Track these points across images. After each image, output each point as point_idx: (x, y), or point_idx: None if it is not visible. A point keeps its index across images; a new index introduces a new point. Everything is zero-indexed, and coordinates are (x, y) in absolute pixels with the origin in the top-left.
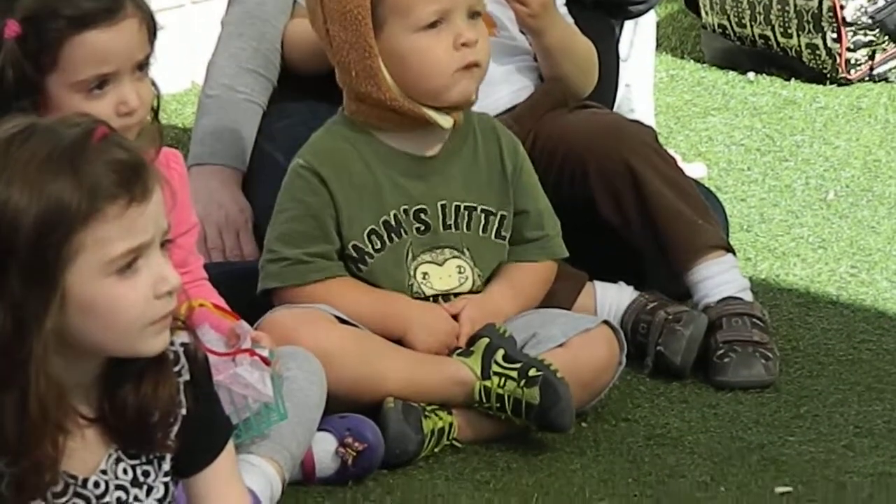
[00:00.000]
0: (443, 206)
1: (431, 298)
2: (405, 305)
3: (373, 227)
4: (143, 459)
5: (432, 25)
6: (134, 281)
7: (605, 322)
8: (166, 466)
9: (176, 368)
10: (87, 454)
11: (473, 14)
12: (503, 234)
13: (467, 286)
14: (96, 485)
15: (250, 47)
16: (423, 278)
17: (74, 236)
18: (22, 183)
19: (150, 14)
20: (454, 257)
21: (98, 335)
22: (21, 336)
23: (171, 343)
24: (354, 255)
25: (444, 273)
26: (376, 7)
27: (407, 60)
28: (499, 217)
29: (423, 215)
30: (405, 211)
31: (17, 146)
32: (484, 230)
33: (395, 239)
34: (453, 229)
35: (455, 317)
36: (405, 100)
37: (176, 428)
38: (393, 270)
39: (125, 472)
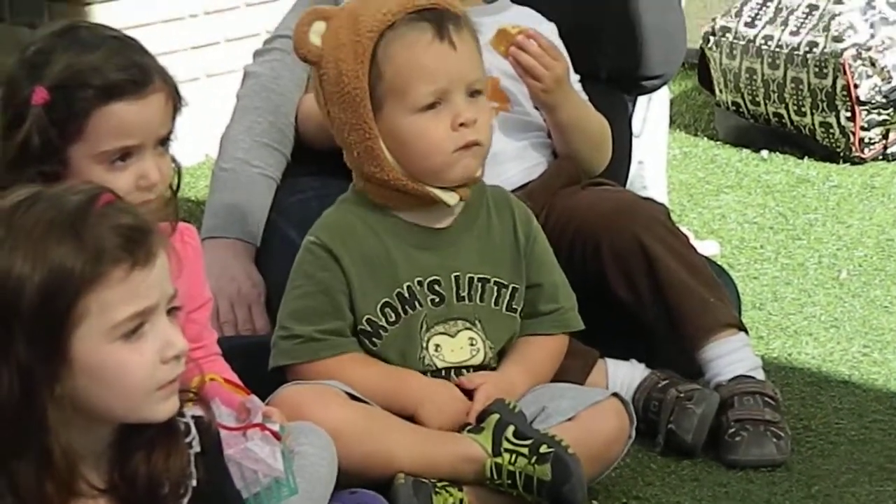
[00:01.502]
0: (456, 278)
1: (443, 371)
2: (416, 382)
3: (387, 299)
4: None
5: (430, 106)
6: (140, 346)
7: (615, 394)
8: None
9: (187, 440)
10: None
11: (474, 93)
12: (514, 306)
13: (479, 359)
14: None
15: (265, 121)
16: (436, 350)
17: (79, 301)
18: (25, 249)
19: (176, 89)
20: (466, 329)
21: (105, 400)
22: (31, 402)
23: (183, 415)
24: (369, 329)
25: (457, 345)
26: (374, 88)
27: (406, 141)
28: (511, 289)
29: (437, 286)
30: (419, 283)
31: (21, 213)
32: (496, 303)
33: (410, 311)
34: (466, 301)
35: (468, 392)
36: (409, 179)
37: (186, 500)
38: (405, 343)
39: None
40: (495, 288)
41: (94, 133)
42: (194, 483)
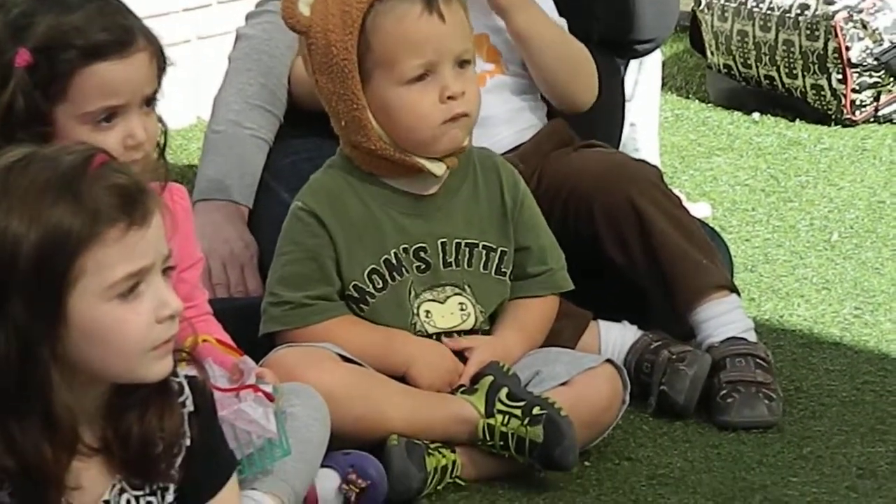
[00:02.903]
0: (443, 244)
1: (434, 336)
2: (407, 342)
3: (373, 266)
4: (147, 490)
5: (419, 78)
6: (136, 305)
7: (609, 361)
8: (170, 498)
9: (180, 399)
10: (91, 484)
11: (462, 63)
12: (503, 270)
13: (470, 323)
14: None
15: (257, 83)
16: (426, 316)
17: (75, 261)
18: (21, 210)
19: (160, 49)
20: (456, 294)
21: (100, 360)
22: (30, 362)
23: (176, 374)
24: (356, 295)
25: (447, 311)
26: (363, 60)
27: (394, 113)
28: (499, 253)
29: (422, 254)
30: (405, 249)
31: (16, 174)
32: (485, 267)
33: (397, 278)
34: (454, 266)
35: (460, 354)
36: (395, 150)
37: (180, 459)
38: (395, 309)
39: (129, 502)
40: (483, 252)
41: (79, 93)
42: (188, 442)
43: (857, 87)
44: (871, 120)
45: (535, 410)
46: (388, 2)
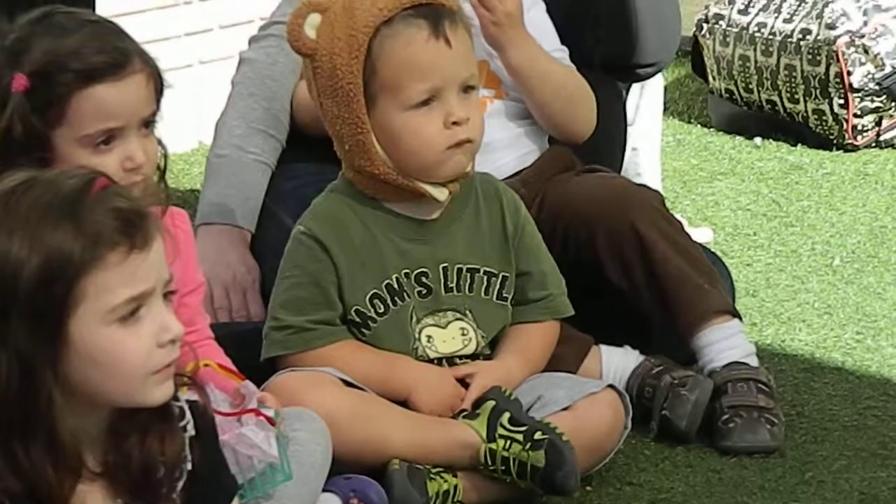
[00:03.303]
0: (444, 269)
1: (436, 361)
2: (409, 367)
3: (375, 291)
4: None
5: (424, 103)
6: (136, 329)
7: (611, 386)
8: None
9: (182, 423)
10: None
11: (467, 88)
12: (505, 295)
13: (471, 348)
14: None
15: (260, 107)
16: (428, 341)
17: (76, 285)
18: (22, 234)
19: (157, 71)
20: (457, 319)
21: (101, 384)
22: (32, 386)
23: (178, 399)
24: (358, 319)
25: (448, 335)
26: (368, 84)
27: (398, 138)
28: (500, 278)
29: (424, 279)
30: (406, 274)
31: (17, 198)
32: (486, 292)
33: (399, 302)
34: (455, 292)
35: (462, 380)
36: (398, 174)
37: (181, 483)
38: (397, 334)
39: None
40: (485, 277)
41: (76, 117)
42: (189, 467)
43: (859, 112)
44: (873, 145)
45: (537, 435)
46: (394, 26)
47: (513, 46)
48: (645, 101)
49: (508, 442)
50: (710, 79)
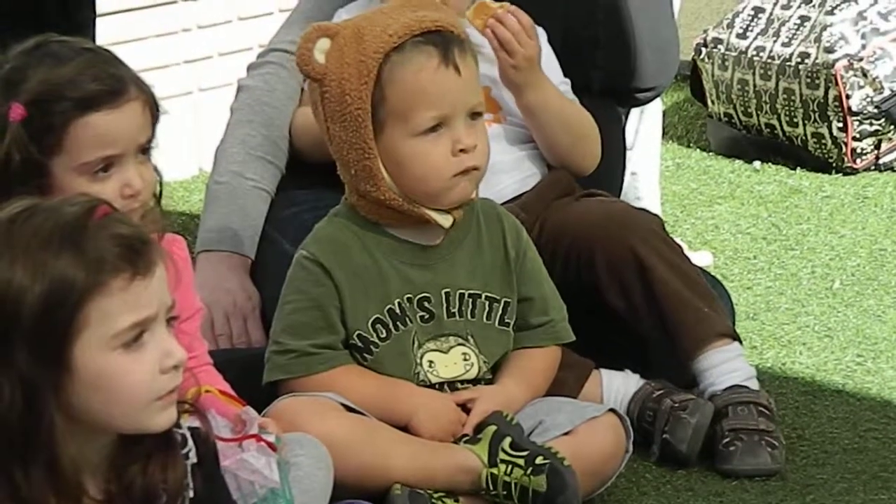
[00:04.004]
0: (447, 294)
1: (438, 386)
2: (410, 393)
3: (378, 315)
4: None
5: (432, 129)
6: (140, 355)
7: (612, 410)
8: None
9: (184, 451)
10: None
11: (474, 115)
12: (507, 320)
13: (473, 373)
14: None
15: (259, 134)
16: (430, 366)
17: (79, 311)
18: (25, 261)
19: (153, 97)
20: (459, 344)
21: (104, 410)
22: (35, 412)
23: (179, 426)
24: (360, 344)
25: (450, 361)
26: (377, 110)
27: (405, 164)
28: (502, 304)
29: (426, 304)
30: (409, 299)
31: (18, 226)
32: (488, 317)
33: (401, 327)
34: (457, 317)
35: (463, 406)
36: (404, 200)
37: None
38: (399, 359)
39: None
40: (487, 303)
41: (74, 145)
42: (191, 494)
43: (858, 136)
44: (872, 168)
45: (539, 460)
46: (404, 53)
47: (530, 88)
48: (644, 126)
49: (510, 467)
50: (709, 103)
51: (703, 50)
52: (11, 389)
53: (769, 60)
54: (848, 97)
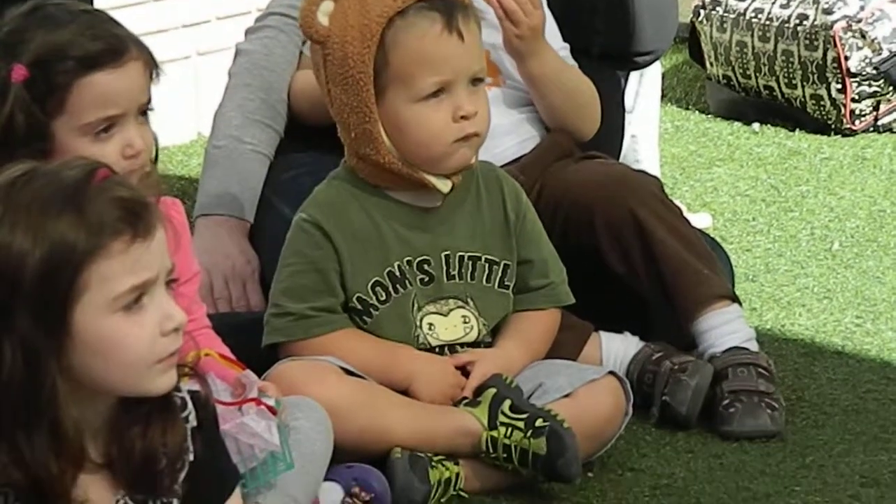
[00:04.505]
0: (446, 257)
1: (437, 349)
2: (410, 356)
3: (377, 278)
4: None
5: (433, 95)
6: (140, 318)
7: (612, 373)
8: None
9: (184, 414)
10: (95, 499)
11: (476, 81)
12: (506, 283)
13: (473, 336)
14: None
15: (257, 98)
16: (429, 329)
17: (80, 274)
18: (25, 225)
19: (152, 58)
20: (459, 307)
21: (104, 373)
22: (37, 376)
23: (179, 389)
24: (359, 307)
25: (450, 323)
26: (379, 74)
27: (406, 129)
28: (502, 266)
29: (426, 266)
30: (408, 262)
31: (18, 189)
32: (488, 280)
33: (400, 290)
34: (457, 279)
35: (463, 369)
36: (403, 164)
37: (183, 474)
38: (398, 322)
39: None
40: (486, 265)
41: (77, 105)
42: (191, 457)
43: (857, 97)
44: (871, 129)
45: (538, 422)
46: (408, 17)
47: (533, 57)
48: (643, 89)
49: (510, 429)
50: (708, 65)
51: (702, 12)
52: (13, 353)
53: (768, 22)
54: (846, 58)
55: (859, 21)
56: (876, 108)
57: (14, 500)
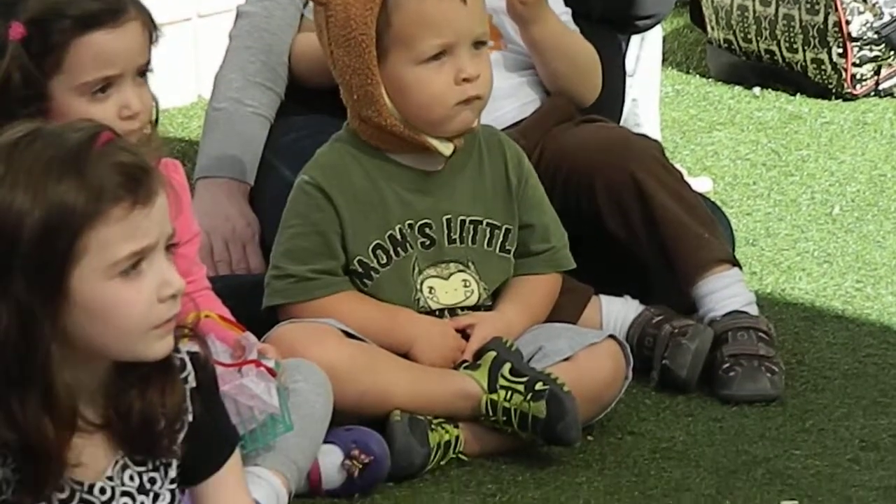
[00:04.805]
0: (448, 221)
1: (438, 312)
2: (410, 320)
3: (378, 241)
4: (150, 466)
5: (435, 57)
6: (138, 283)
7: (612, 336)
8: (173, 473)
9: (183, 375)
10: (93, 460)
11: (478, 44)
12: (507, 247)
13: (473, 300)
14: (102, 491)
15: (258, 60)
16: (430, 292)
17: (79, 238)
18: (26, 186)
19: (151, 19)
20: (459, 271)
21: (102, 338)
22: (31, 339)
23: (178, 350)
24: (360, 270)
25: (450, 287)
26: (381, 35)
27: (408, 91)
28: (503, 230)
29: (427, 230)
30: (410, 225)
31: (21, 150)
32: (489, 244)
33: (402, 253)
34: (458, 243)
35: (463, 332)
36: (405, 127)
37: (182, 435)
38: (399, 285)
39: (132, 478)
40: (488, 229)
41: (75, 64)
42: (190, 418)
43: (858, 61)
44: (872, 94)
45: (538, 386)
46: None
47: (537, 22)
48: (644, 52)
49: (509, 393)
50: (709, 29)
51: None
52: (8, 316)
53: None
54: (848, 23)
55: None
56: (877, 72)
57: (10, 461)
